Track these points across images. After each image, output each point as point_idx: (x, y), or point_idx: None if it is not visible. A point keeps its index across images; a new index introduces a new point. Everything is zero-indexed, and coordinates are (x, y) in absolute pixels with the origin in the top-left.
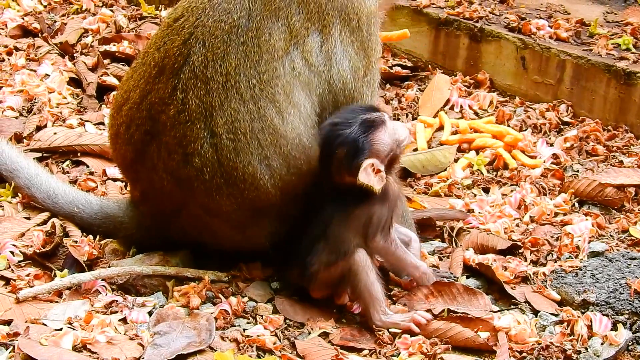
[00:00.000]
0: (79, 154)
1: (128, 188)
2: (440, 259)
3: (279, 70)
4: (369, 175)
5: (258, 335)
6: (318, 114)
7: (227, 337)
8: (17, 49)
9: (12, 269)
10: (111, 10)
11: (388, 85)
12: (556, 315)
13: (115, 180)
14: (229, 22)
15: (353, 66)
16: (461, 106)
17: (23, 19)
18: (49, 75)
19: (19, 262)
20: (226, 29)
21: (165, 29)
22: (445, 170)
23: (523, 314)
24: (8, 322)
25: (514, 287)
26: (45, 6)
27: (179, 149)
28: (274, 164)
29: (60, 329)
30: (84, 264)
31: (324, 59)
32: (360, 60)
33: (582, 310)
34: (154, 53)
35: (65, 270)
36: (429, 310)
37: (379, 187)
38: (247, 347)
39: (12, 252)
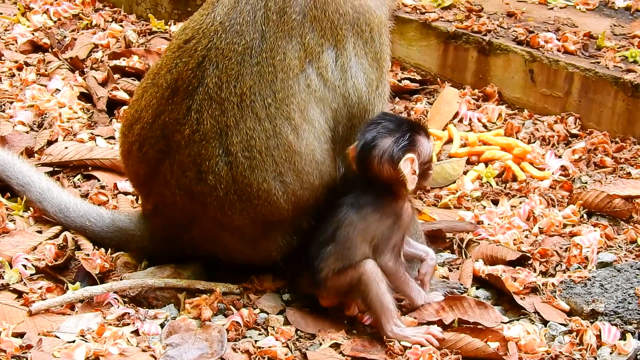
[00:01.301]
0: (90, 168)
1: (139, 201)
2: (450, 270)
3: (294, 88)
4: (408, 167)
5: (270, 347)
6: (332, 129)
7: (239, 349)
8: (27, 64)
9: (24, 282)
10: (121, 26)
11: (397, 99)
12: (565, 325)
13: (126, 193)
14: (242, 44)
15: (367, 78)
16: (470, 119)
17: (33, 34)
18: (59, 90)
19: (31, 275)
20: (239, 50)
21: (175, 50)
22: (454, 182)
23: (532, 324)
24: (21, 335)
25: (524, 297)
26: (55, 22)
27: (193, 166)
28: (288, 180)
29: (73, 341)
30: (95, 277)
31: (339, 74)
32: (374, 72)
33: (591, 320)
34: (165, 75)
35: (78, 283)
36: (440, 321)
37: (412, 186)
38: (259, 359)
39: (24, 266)
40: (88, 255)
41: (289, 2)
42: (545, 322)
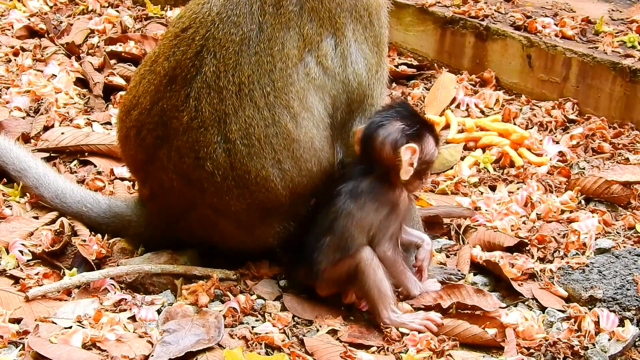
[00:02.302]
0: (86, 154)
1: (136, 187)
2: (448, 257)
3: (293, 77)
4: (407, 156)
5: (267, 333)
6: (330, 116)
7: (236, 335)
8: (23, 50)
9: (21, 268)
10: (117, 11)
11: (394, 84)
12: (563, 312)
13: (122, 179)
14: (239, 35)
15: (367, 64)
16: (467, 104)
17: (29, 19)
18: (55, 76)
19: (28, 261)
20: (237, 40)
21: (172, 38)
22: (451, 168)
23: (530, 310)
24: (18, 321)
25: (521, 284)
26: (51, 7)
27: (191, 152)
28: (286, 167)
29: (70, 327)
30: (92, 263)
31: (339, 61)
32: (374, 57)
33: (589, 307)
34: (163, 62)
35: (74, 269)
36: (438, 305)
37: (405, 176)
38: (256, 345)
39: (21, 252)
40: (85, 241)
41: None
42: (543, 309)
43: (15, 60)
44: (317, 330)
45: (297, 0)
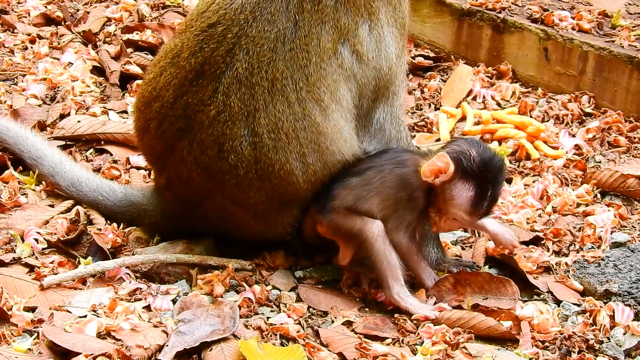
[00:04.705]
0: (102, 142)
1: (152, 176)
2: (463, 249)
3: (327, 70)
4: (436, 162)
5: (282, 324)
6: (356, 106)
7: (251, 325)
8: (40, 37)
9: (36, 257)
10: None
11: (411, 76)
12: (579, 305)
13: (138, 168)
14: (274, 32)
15: (397, 47)
16: (484, 97)
17: (46, 7)
18: (72, 64)
19: (43, 249)
20: (272, 38)
21: (199, 33)
22: None
23: (546, 304)
24: (32, 309)
25: (537, 277)
26: None
27: (215, 145)
28: (310, 160)
29: (85, 316)
30: (107, 252)
31: (374, 45)
32: (401, 40)
33: (605, 301)
34: (190, 58)
35: (89, 258)
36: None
37: (427, 178)
38: (271, 335)
39: (36, 240)
40: (100, 229)
41: None
42: (558, 302)
43: (31, 47)
44: (332, 322)
45: None
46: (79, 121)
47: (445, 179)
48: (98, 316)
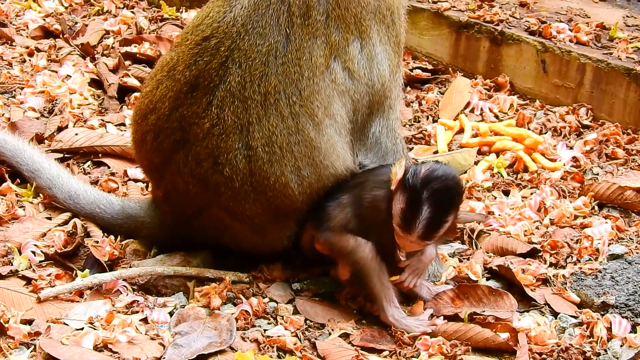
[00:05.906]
0: (100, 155)
1: (149, 188)
2: (460, 261)
3: (320, 85)
4: (396, 168)
5: (279, 336)
6: (351, 120)
7: (248, 338)
8: (38, 50)
9: (33, 269)
10: (132, 12)
11: (409, 88)
12: (576, 318)
13: (136, 180)
14: (265, 45)
15: (391, 64)
16: (481, 109)
17: (44, 20)
18: (70, 76)
19: (40, 262)
20: (263, 51)
21: (193, 47)
22: (465, 172)
23: (543, 315)
24: (29, 322)
25: (534, 289)
26: (66, 7)
27: (210, 158)
28: (305, 173)
29: (82, 329)
30: (105, 264)
31: (365, 63)
32: (395, 57)
33: (602, 313)
34: (184, 71)
35: (87, 271)
36: (455, 315)
37: (393, 185)
38: (268, 348)
39: (33, 252)
40: (97, 242)
41: (313, 5)
42: (555, 314)
43: (30, 60)
44: (329, 334)
45: (323, 9)
46: (76, 134)
47: (394, 187)
48: (95, 329)
